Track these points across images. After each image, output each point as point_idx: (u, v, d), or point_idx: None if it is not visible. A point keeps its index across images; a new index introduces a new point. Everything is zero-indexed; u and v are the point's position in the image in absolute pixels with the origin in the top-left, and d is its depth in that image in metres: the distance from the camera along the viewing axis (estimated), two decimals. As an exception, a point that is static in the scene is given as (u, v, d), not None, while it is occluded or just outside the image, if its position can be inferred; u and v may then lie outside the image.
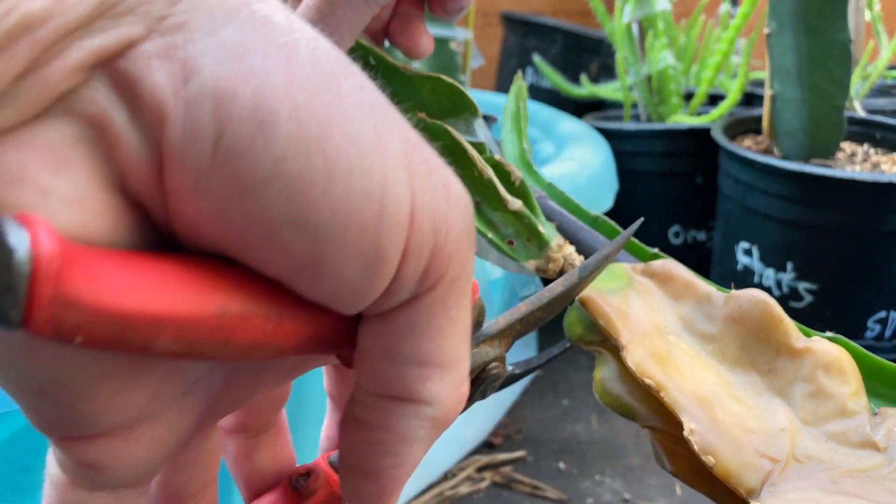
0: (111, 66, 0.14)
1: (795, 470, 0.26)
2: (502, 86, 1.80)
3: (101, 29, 0.14)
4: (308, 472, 0.26)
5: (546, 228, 0.35)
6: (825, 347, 0.29)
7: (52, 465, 0.18)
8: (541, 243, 0.34)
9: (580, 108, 1.50)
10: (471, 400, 0.26)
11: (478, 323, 0.25)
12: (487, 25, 2.05)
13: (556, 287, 0.28)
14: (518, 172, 0.36)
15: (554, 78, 1.51)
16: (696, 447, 0.26)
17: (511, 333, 0.27)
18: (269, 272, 0.16)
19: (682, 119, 1.24)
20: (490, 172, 0.35)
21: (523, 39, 1.71)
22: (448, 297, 0.18)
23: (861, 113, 1.11)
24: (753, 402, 0.29)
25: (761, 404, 0.29)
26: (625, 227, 0.44)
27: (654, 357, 0.28)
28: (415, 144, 0.17)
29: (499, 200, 0.35)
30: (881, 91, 1.42)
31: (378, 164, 0.16)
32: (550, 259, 0.34)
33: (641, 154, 1.25)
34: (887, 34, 1.13)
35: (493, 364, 0.26)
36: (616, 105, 1.48)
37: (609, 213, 0.62)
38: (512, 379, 0.28)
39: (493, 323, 0.26)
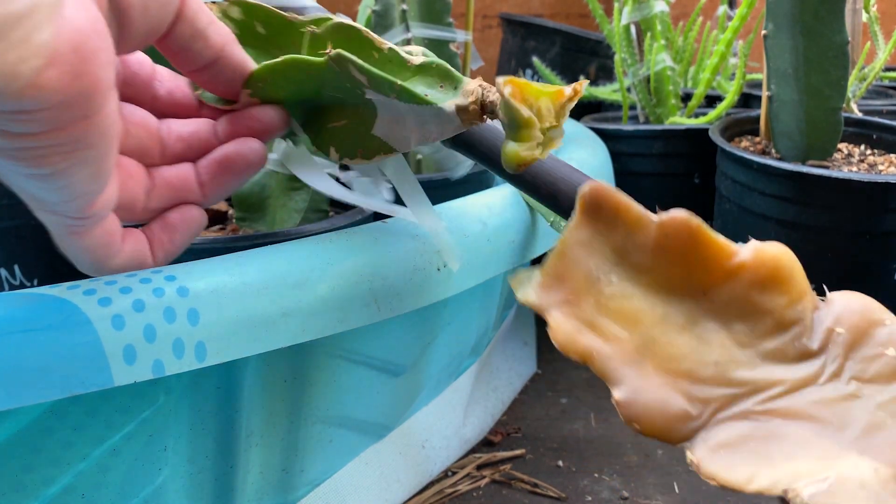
0: None
1: (729, 406, 0.27)
2: (501, 87, 1.80)
3: None
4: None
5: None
6: (761, 258, 0.29)
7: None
8: (455, 82, 0.35)
9: (579, 109, 1.51)
10: None
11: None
12: (487, 27, 2.05)
13: None
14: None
15: (552, 80, 1.52)
16: (622, 417, 0.27)
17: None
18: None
19: (680, 120, 1.25)
20: (389, 44, 0.36)
21: (522, 41, 1.72)
22: None
23: (858, 114, 1.12)
24: (688, 334, 0.29)
25: (697, 334, 0.29)
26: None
27: (582, 322, 0.28)
28: None
29: (403, 65, 0.35)
30: (878, 92, 1.43)
31: None
32: (468, 92, 0.34)
33: (640, 155, 1.26)
34: (884, 36, 1.14)
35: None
36: (615, 106, 1.49)
37: (607, 214, 0.63)
38: None
39: None
